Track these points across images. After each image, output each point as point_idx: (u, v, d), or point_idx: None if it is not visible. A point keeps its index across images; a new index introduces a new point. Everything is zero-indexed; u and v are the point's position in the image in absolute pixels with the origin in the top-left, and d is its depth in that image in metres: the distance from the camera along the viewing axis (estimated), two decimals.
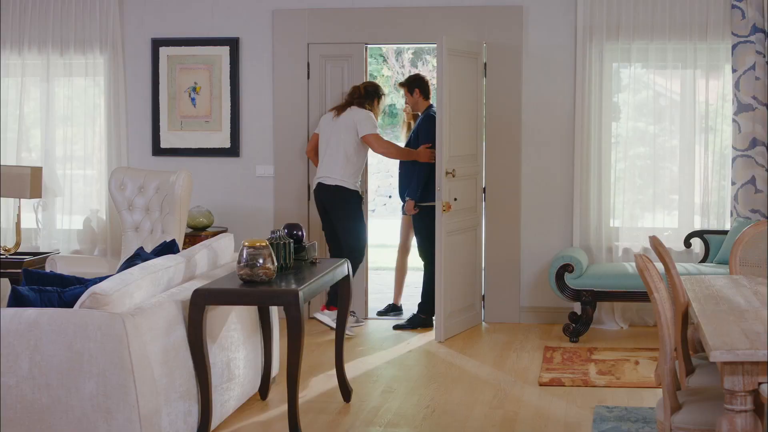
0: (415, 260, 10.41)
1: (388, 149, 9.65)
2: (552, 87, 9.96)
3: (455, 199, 9.42)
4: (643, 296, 8.97)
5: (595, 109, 9.80)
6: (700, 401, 4.85)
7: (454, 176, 9.35)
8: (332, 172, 9.49)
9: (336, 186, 9.47)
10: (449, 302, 9.42)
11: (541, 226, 10.04)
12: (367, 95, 9.58)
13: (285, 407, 6.74)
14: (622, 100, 9.96)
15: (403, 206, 9.96)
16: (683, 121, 9.78)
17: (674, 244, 9.75)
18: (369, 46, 10.25)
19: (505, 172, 10.01)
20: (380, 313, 10.48)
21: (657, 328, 4.91)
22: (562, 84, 9.94)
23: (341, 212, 9.50)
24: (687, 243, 9.66)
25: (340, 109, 9.59)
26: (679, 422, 4.75)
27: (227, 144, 10.40)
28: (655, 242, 5.95)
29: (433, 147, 9.41)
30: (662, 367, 4.81)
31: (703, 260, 9.58)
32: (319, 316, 9.42)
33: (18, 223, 9.74)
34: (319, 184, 9.54)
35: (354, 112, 9.52)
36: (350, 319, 9.74)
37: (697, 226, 9.78)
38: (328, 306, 9.48)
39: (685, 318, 5.44)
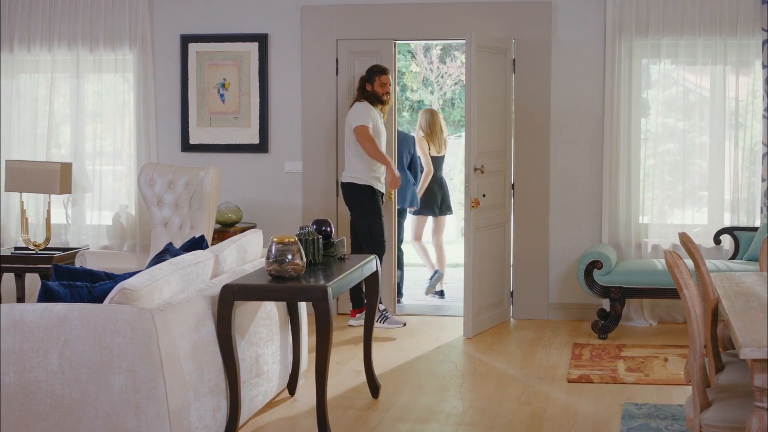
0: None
1: (366, 144, 9.40)
2: (581, 83, 9.93)
3: (483, 196, 9.41)
4: (672, 293, 8.94)
5: (625, 105, 9.76)
6: (730, 398, 4.83)
7: (482, 172, 9.34)
8: (346, 169, 9.58)
9: (347, 183, 9.54)
10: (477, 299, 9.40)
11: (570, 222, 10.02)
12: (361, 82, 9.56)
13: (313, 403, 6.75)
14: (651, 96, 9.92)
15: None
16: (713, 117, 9.73)
17: (704, 240, 9.71)
18: (398, 42, 10.24)
19: (534, 168, 9.99)
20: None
21: (686, 325, 4.91)
22: (591, 80, 9.91)
23: (354, 208, 9.57)
24: (717, 240, 9.62)
25: (350, 107, 9.68)
26: (708, 419, 4.73)
27: (256, 140, 10.41)
28: (685, 239, 5.93)
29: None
30: (692, 364, 4.80)
31: (733, 257, 9.54)
32: (382, 325, 9.58)
33: (48, 219, 9.78)
34: (340, 182, 9.61)
35: (352, 108, 9.57)
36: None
37: (727, 223, 9.74)
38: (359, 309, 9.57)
39: (714, 315, 5.42)
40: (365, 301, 9.12)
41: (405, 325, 9.63)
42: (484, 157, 9.42)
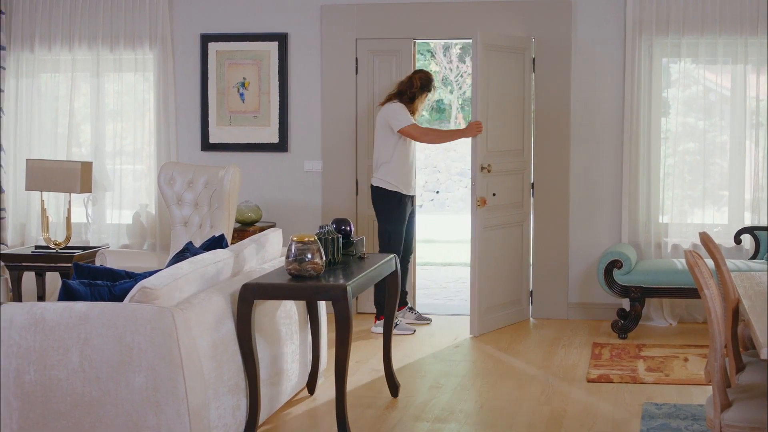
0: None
1: (429, 135, 9.50)
2: (601, 82, 9.92)
3: (494, 195, 9.41)
4: (692, 292, 8.93)
5: (645, 105, 9.74)
6: (751, 398, 4.82)
7: (489, 171, 9.34)
8: (375, 172, 9.44)
9: (376, 187, 9.42)
10: (486, 297, 9.43)
11: (590, 221, 10.00)
12: (422, 87, 9.42)
13: (333, 401, 6.76)
14: (671, 96, 9.89)
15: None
16: (733, 116, 9.70)
17: (724, 240, 9.68)
18: (417, 41, 10.24)
19: (554, 167, 9.98)
20: None
21: (706, 325, 4.90)
22: (611, 79, 9.89)
23: (378, 212, 9.45)
24: (737, 239, 9.59)
25: (383, 103, 9.49)
26: (729, 419, 4.72)
27: (275, 139, 10.43)
28: (705, 238, 5.91)
29: None
30: (712, 364, 4.79)
31: (754, 257, 9.51)
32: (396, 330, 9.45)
33: (68, 218, 9.81)
34: (370, 184, 9.56)
35: (387, 108, 9.36)
36: (409, 316, 9.74)
37: (747, 223, 9.71)
38: (378, 316, 9.48)
39: (735, 315, 5.40)
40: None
41: (414, 332, 9.51)
42: (497, 156, 9.44)
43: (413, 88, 9.36)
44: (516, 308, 9.87)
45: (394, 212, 9.37)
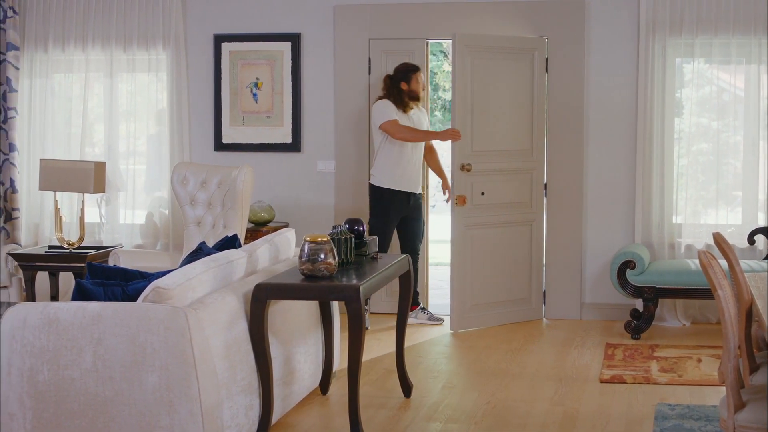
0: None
1: (403, 133, 9.35)
2: (614, 82, 9.90)
3: (482, 194, 9.49)
4: (705, 293, 8.91)
5: (658, 105, 9.72)
6: (764, 399, 4.80)
7: (469, 171, 9.38)
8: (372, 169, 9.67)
9: (369, 183, 9.62)
10: (467, 295, 9.55)
11: (603, 222, 9.98)
12: (393, 82, 9.52)
13: (345, 402, 6.76)
14: (684, 96, 9.87)
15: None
16: (747, 116, 9.68)
17: (738, 240, 9.66)
18: (430, 41, 10.24)
19: (568, 167, 9.96)
20: None
21: (719, 326, 4.89)
22: (625, 79, 9.88)
23: (370, 208, 9.63)
24: (750, 240, 9.56)
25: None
26: (742, 420, 4.71)
27: (288, 139, 10.43)
28: (719, 239, 5.90)
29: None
30: (726, 365, 4.78)
31: (767, 257, 9.49)
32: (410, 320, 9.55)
33: (82, 218, 9.83)
34: None
35: (372, 107, 9.62)
36: (422, 316, 9.76)
37: (761, 223, 9.69)
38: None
39: (749, 315, 5.39)
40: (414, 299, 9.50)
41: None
42: (492, 156, 9.59)
43: (385, 86, 9.54)
44: (522, 307, 9.88)
45: (377, 207, 9.54)
